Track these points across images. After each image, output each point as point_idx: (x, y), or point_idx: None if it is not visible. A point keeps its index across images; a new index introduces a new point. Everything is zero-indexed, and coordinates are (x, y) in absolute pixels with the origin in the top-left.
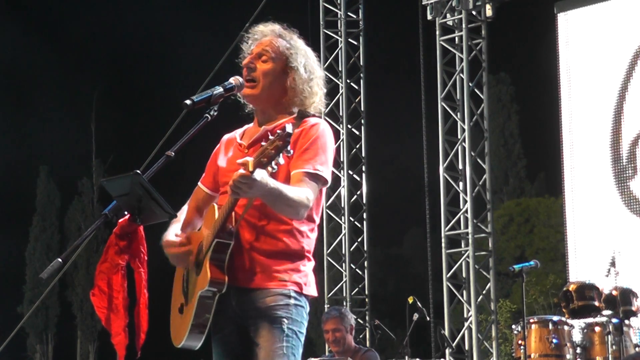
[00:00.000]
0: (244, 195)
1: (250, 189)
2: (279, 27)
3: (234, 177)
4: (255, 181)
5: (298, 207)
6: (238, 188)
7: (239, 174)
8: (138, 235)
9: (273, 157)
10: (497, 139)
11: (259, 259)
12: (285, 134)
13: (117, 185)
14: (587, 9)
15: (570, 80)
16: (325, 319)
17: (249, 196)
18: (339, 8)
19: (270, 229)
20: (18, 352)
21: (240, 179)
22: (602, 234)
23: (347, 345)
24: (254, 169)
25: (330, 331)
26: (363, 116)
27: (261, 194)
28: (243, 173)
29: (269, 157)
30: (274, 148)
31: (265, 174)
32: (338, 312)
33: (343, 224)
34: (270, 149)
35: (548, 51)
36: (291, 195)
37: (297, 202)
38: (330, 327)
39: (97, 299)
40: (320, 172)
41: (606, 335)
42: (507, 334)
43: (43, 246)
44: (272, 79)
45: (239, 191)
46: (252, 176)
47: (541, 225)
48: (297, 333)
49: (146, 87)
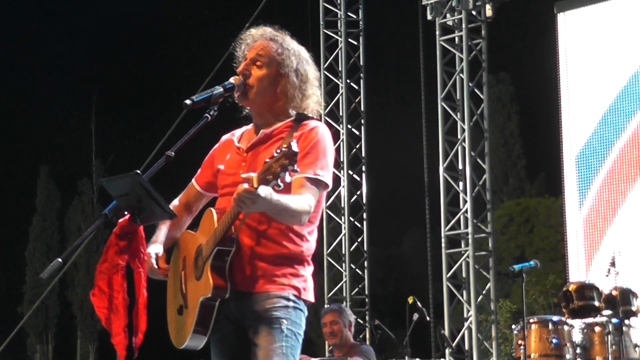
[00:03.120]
0: (247, 209)
1: (253, 204)
2: (271, 30)
3: (238, 190)
4: (259, 197)
5: (300, 216)
6: (242, 202)
7: (244, 189)
8: (138, 236)
9: (278, 174)
10: (497, 139)
11: (258, 263)
12: (292, 152)
13: (117, 185)
14: (587, 9)
15: (570, 80)
16: (324, 312)
17: (252, 211)
18: (339, 8)
19: (270, 233)
20: (18, 352)
21: (244, 194)
22: (601, 234)
23: (344, 339)
24: (258, 185)
25: (328, 324)
26: (363, 116)
27: (265, 209)
28: (247, 188)
29: (274, 175)
30: (279, 166)
31: (269, 190)
32: (337, 306)
33: (343, 224)
34: (275, 166)
35: (548, 51)
36: (294, 207)
37: (300, 212)
38: (328, 319)
39: (97, 299)
40: (321, 177)
41: (606, 335)
42: (507, 334)
43: (43, 246)
44: (267, 84)
45: (242, 205)
46: (256, 192)
47: (541, 225)
48: (296, 334)
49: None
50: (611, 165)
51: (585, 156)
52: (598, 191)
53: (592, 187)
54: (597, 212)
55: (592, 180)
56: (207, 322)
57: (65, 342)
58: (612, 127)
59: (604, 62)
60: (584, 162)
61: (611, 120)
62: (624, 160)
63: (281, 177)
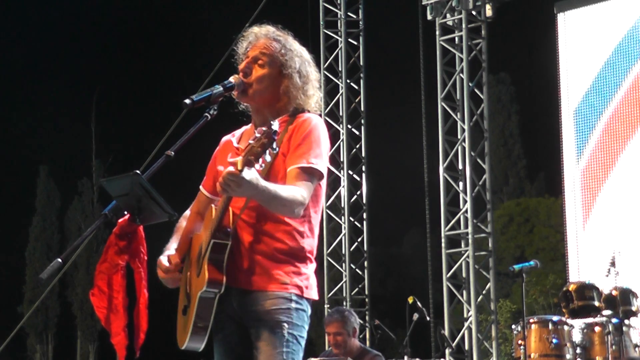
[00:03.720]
0: (234, 193)
1: (239, 187)
2: (274, 29)
3: (222, 173)
4: (243, 179)
5: (292, 206)
6: (227, 185)
7: (227, 172)
8: (138, 235)
9: (259, 154)
10: (497, 139)
11: (259, 260)
12: (271, 131)
13: (117, 185)
14: (587, 9)
15: (570, 80)
16: (327, 321)
17: (239, 195)
18: (339, 8)
19: (269, 229)
20: (18, 352)
21: (228, 177)
22: (602, 234)
23: (349, 347)
24: (242, 168)
25: (331, 334)
26: (363, 116)
27: (252, 194)
28: (231, 171)
29: (256, 155)
30: (260, 146)
31: (255, 173)
32: (340, 316)
33: (343, 224)
34: (256, 146)
35: (548, 51)
36: (285, 195)
37: (291, 201)
38: (331, 330)
39: (96, 299)
40: (315, 164)
41: (606, 335)
42: (507, 334)
43: (43, 246)
44: (268, 83)
45: (227, 188)
46: (240, 175)
47: (541, 225)
48: (298, 337)
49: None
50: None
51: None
52: (598, 191)
53: (592, 187)
54: (597, 212)
55: (592, 180)
56: (206, 317)
57: (65, 342)
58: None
59: (604, 62)
60: (583, 162)
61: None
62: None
63: (262, 157)
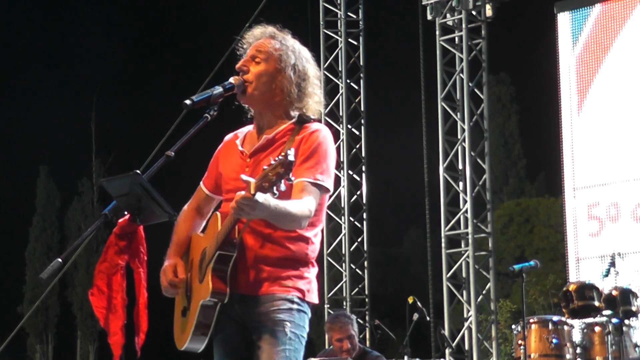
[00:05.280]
0: (247, 216)
1: (253, 211)
2: (272, 28)
3: (236, 198)
4: (257, 203)
5: (300, 220)
6: (240, 210)
7: (242, 196)
8: (138, 235)
9: (274, 183)
10: (497, 139)
11: (263, 266)
12: (288, 162)
13: (117, 185)
14: (587, 9)
15: (570, 80)
16: (327, 326)
17: (252, 217)
18: (339, 8)
19: (276, 236)
20: (18, 352)
21: (242, 201)
22: (602, 234)
23: (350, 351)
24: (255, 192)
25: (333, 341)
26: (363, 116)
27: (264, 215)
28: (245, 195)
29: (270, 183)
30: (275, 175)
31: (268, 196)
32: (340, 322)
33: (343, 224)
34: (271, 175)
35: (548, 51)
36: (294, 211)
37: (300, 216)
38: (334, 337)
39: (95, 299)
40: (322, 181)
41: (606, 335)
42: (507, 334)
43: (43, 246)
44: (265, 80)
45: (241, 212)
46: (254, 198)
47: (541, 225)
48: (300, 337)
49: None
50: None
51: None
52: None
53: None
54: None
55: (592, 180)
56: (206, 325)
57: (65, 342)
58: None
59: (604, 62)
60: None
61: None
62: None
63: (277, 186)
